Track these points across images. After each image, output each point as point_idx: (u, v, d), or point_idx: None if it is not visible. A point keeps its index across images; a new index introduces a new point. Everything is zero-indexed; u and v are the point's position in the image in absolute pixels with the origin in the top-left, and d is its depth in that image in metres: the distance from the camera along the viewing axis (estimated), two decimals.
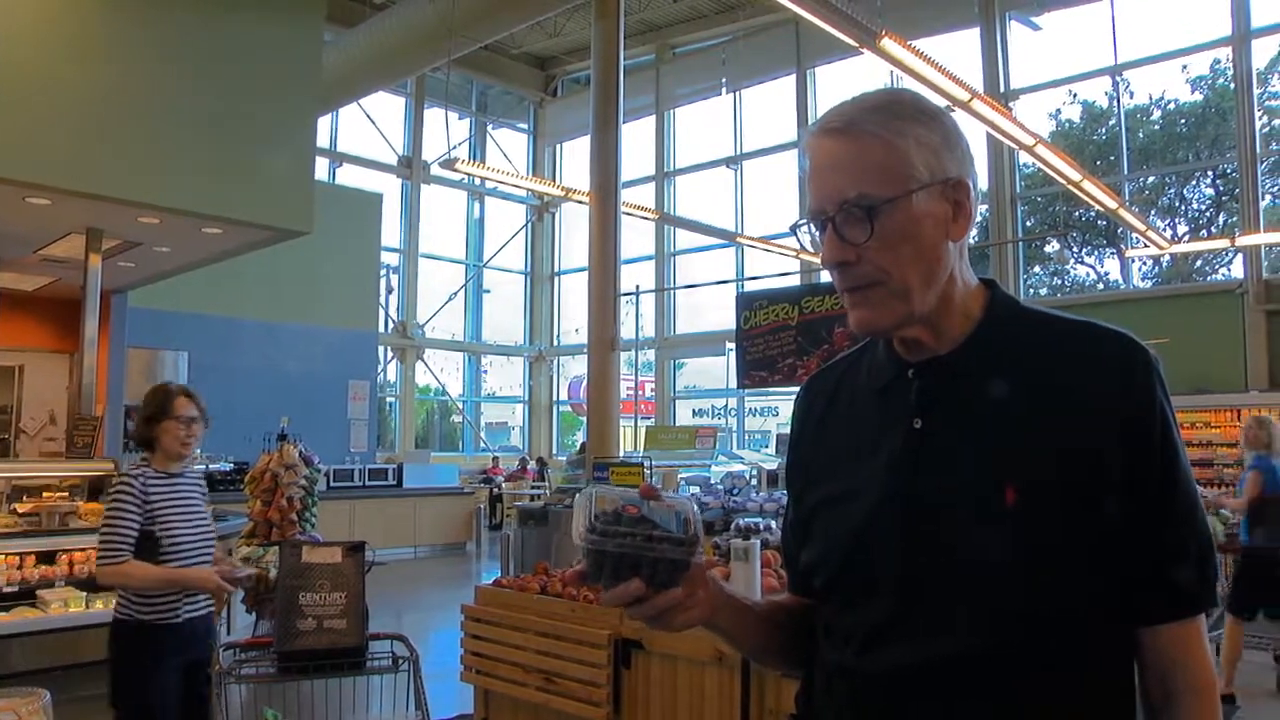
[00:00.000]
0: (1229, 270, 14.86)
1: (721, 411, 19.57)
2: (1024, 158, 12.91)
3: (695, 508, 1.20)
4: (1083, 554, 1.16)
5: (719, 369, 18.06)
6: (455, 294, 20.67)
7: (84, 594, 6.20)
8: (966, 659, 1.18)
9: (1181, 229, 16.15)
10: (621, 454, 10.76)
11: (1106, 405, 1.18)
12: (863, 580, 1.26)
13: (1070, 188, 11.37)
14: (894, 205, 1.19)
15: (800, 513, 1.42)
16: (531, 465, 18.25)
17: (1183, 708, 1.20)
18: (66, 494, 7.08)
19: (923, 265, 1.22)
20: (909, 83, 9.67)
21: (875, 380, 1.33)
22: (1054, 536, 1.15)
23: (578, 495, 1.18)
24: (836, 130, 1.23)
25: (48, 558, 6.36)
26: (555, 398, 22.15)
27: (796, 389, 1.53)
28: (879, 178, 1.20)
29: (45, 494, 6.97)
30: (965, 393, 1.24)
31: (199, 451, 10.95)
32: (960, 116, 9.75)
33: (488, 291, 21.72)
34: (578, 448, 15.78)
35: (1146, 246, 13.37)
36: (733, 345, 9.59)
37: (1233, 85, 14.03)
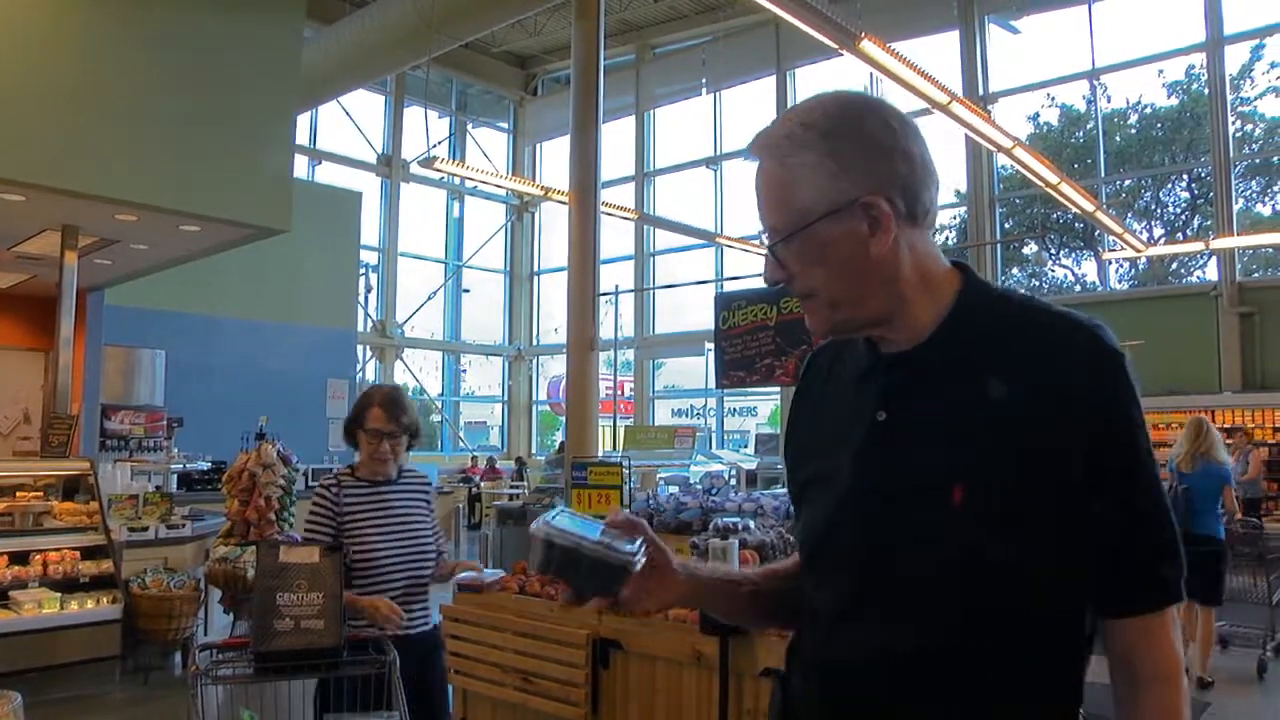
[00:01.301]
0: (1204, 273, 15.02)
1: (700, 411, 19.60)
2: (1002, 160, 13.00)
3: (642, 543, 1.33)
4: (1038, 553, 1.18)
5: (698, 369, 18.07)
6: (435, 293, 20.62)
7: (58, 595, 6.15)
8: (918, 652, 1.21)
9: (1157, 232, 16.31)
10: (600, 454, 10.75)
11: (1072, 402, 1.18)
12: (831, 565, 1.32)
13: (1048, 190, 11.45)
14: (795, 238, 1.25)
15: (793, 490, 1.47)
16: (505, 465, 18.08)
17: (1148, 694, 1.22)
18: (41, 493, 7.02)
19: (846, 282, 1.26)
20: (887, 85, 9.71)
21: (854, 368, 1.37)
22: (1004, 536, 1.17)
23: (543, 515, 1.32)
24: (756, 154, 1.30)
25: (21, 558, 6.31)
26: (534, 397, 22.12)
27: (775, 389, 1.58)
28: (778, 211, 1.26)
29: (19, 494, 6.90)
30: (930, 387, 1.26)
31: (175, 450, 10.97)
32: (939, 119, 9.82)
33: (467, 291, 21.67)
34: (556, 447, 15.76)
35: (1123, 249, 13.50)
36: (712, 345, 9.60)
37: (1207, 90, 14.19)
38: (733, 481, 8.90)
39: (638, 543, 1.31)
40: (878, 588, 1.25)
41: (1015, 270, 17.19)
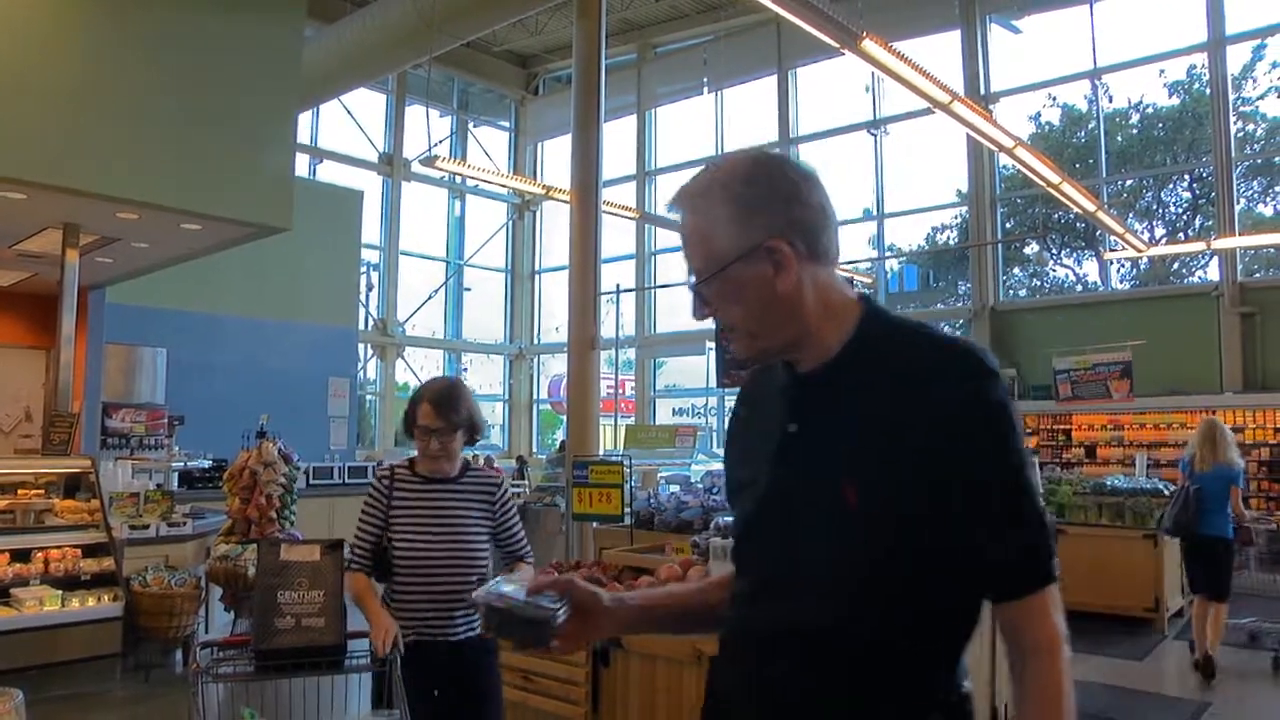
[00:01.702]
0: (1205, 273, 15.01)
1: (701, 410, 19.60)
2: (1004, 160, 12.98)
3: (567, 600, 1.58)
4: (921, 548, 1.36)
5: (699, 368, 18.06)
6: (436, 292, 20.61)
7: (60, 592, 6.16)
8: (809, 628, 1.41)
9: (1159, 232, 16.30)
10: (601, 452, 10.75)
11: (952, 415, 1.35)
12: (748, 558, 1.56)
13: (1049, 190, 11.45)
14: (713, 280, 1.46)
15: (729, 495, 1.69)
16: (505, 465, 17.93)
17: (1029, 664, 1.37)
18: (42, 491, 7.02)
19: (757, 317, 1.47)
20: (889, 84, 9.70)
21: (775, 386, 1.57)
22: (889, 531, 1.36)
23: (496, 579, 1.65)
24: (677, 208, 1.51)
25: (23, 555, 6.32)
26: (535, 396, 22.11)
27: None
28: (698, 256, 1.48)
29: (20, 491, 6.91)
30: (834, 402, 1.46)
31: (176, 447, 10.97)
32: (941, 118, 9.81)
33: (468, 289, 21.64)
34: (557, 446, 15.75)
35: (1124, 249, 13.49)
36: (712, 344, 9.61)
37: (1209, 90, 14.16)
38: None
39: (553, 598, 1.55)
40: (782, 577, 1.47)
41: (1016, 270, 17.18)
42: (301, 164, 17.17)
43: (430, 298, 20.40)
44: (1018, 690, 1.38)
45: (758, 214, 1.43)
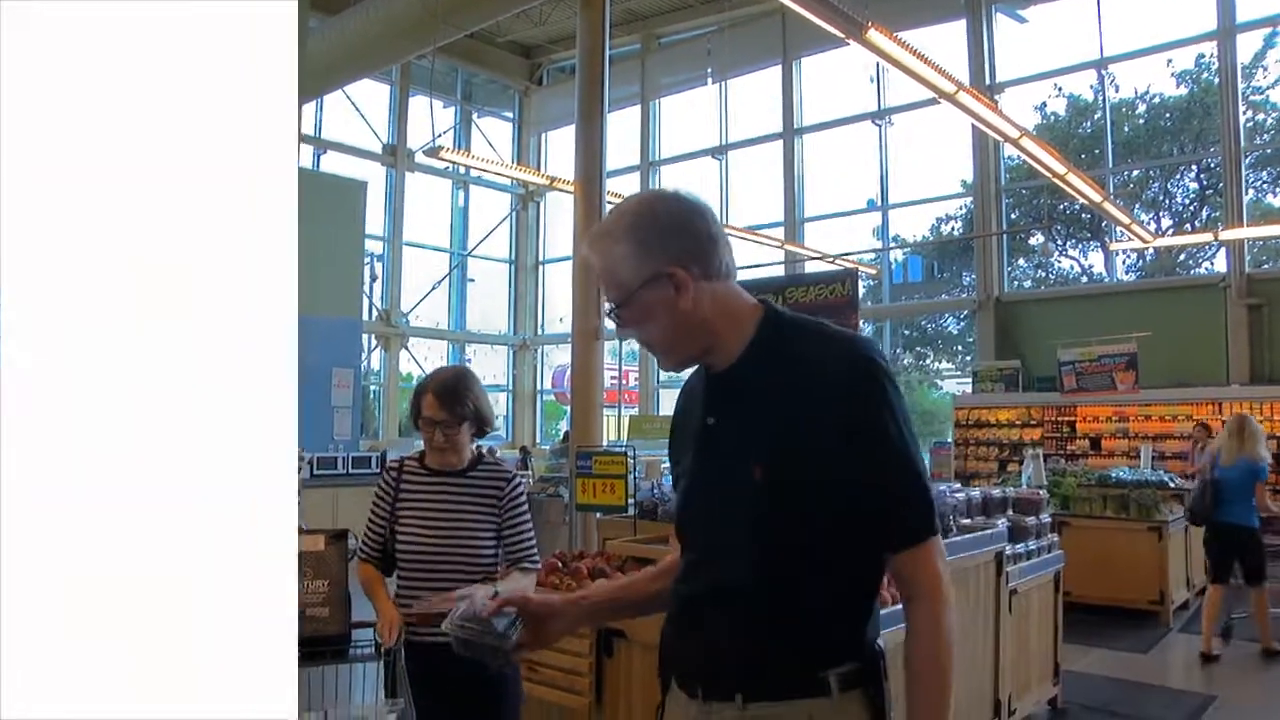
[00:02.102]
0: (1212, 264, 14.98)
1: None
2: (1009, 150, 12.95)
3: (516, 616, 1.82)
4: (820, 511, 1.60)
5: None
6: (440, 282, 20.61)
7: None
8: (733, 591, 1.66)
9: (1165, 223, 16.25)
10: (605, 443, 10.74)
11: (839, 401, 1.59)
12: (684, 535, 1.83)
13: (1055, 181, 11.41)
14: (624, 306, 1.71)
15: (672, 479, 1.94)
16: (509, 455, 17.89)
17: (914, 607, 1.64)
18: None
19: (668, 333, 1.72)
20: (894, 74, 9.67)
21: (698, 386, 1.82)
22: (793, 503, 1.60)
23: (461, 603, 1.85)
24: (589, 250, 1.76)
25: None
26: (539, 387, 22.13)
27: None
28: (611, 288, 1.72)
29: None
30: (739, 396, 1.71)
31: None
32: (946, 108, 9.79)
33: (472, 280, 21.64)
34: (561, 437, 15.76)
35: (1130, 240, 13.46)
36: None
37: (1217, 79, 14.11)
38: None
39: (510, 619, 1.80)
40: (710, 550, 1.72)
41: (1021, 261, 17.14)
42: (305, 155, 17.17)
43: (434, 288, 20.40)
44: (909, 627, 1.63)
45: (654, 247, 1.67)
